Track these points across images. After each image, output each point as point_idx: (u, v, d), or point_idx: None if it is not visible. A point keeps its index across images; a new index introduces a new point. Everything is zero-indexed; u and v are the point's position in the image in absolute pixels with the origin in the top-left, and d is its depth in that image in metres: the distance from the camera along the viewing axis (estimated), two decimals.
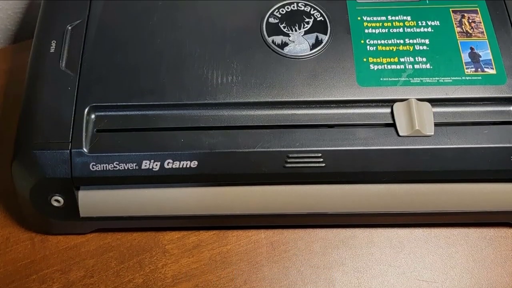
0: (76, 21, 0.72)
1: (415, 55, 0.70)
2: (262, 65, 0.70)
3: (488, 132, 0.66)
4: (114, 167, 0.64)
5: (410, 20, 0.73)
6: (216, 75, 0.69)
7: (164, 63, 0.70)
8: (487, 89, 0.68)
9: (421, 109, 0.66)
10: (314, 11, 0.74)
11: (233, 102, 0.67)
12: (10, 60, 0.88)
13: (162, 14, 0.74)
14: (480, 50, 0.71)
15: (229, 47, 0.71)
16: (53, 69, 0.69)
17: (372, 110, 0.67)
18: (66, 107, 0.66)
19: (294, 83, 0.68)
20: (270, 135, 0.66)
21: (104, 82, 0.68)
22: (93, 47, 0.71)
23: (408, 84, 0.68)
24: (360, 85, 0.68)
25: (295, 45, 0.71)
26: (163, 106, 0.67)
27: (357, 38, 0.72)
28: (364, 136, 0.66)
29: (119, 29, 0.73)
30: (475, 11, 0.74)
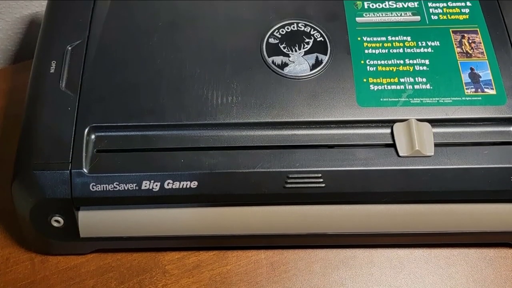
0: (76, 42, 0.74)
1: (415, 75, 0.72)
2: (262, 86, 0.71)
3: (488, 152, 0.67)
4: (114, 188, 0.65)
5: (410, 40, 0.75)
6: (216, 96, 0.70)
7: (164, 83, 0.71)
8: (487, 109, 0.69)
9: (421, 130, 0.67)
10: (314, 31, 0.75)
11: (233, 122, 0.69)
12: (10, 80, 0.90)
13: (162, 34, 0.75)
14: (480, 70, 0.72)
15: (229, 67, 0.72)
16: (53, 90, 0.70)
17: (372, 131, 0.69)
18: (66, 128, 0.68)
19: (294, 104, 0.70)
20: (270, 156, 0.67)
21: (104, 103, 0.70)
22: (93, 68, 0.72)
23: (408, 105, 0.69)
24: (360, 105, 0.69)
25: (295, 65, 0.72)
26: (163, 126, 0.68)
27: (357, 58, 0.73)
28: (364, 156, 0.67)
29: (119, 50, 0.74)
30: (475, 31, 0.75)
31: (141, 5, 0.78)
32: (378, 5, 0.78)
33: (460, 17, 0.77)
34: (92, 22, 0.76)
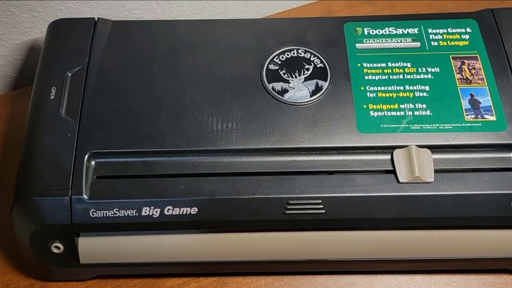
0: (76, 68, 0.76)
1: (415, 101, 0.73)
2: (262, 112, 0.72)
3: (488, 178, 0.68)
4: (114, 214, 0.67)
5: (410, 66, 0.76)
6: (216, 122, 0.72)
7: (164, 109, 0.73)
8: (487, 135, 0.71)
9: (421, 156, 0.69)
10: (314, 57, 0.77)
11: (233, 148, 0.70)
12: (10, 106, 0.91)
13: (162, 60, 0.77)
14: (480, 96, 0.73)
15: (229, 93, 0.74)
16: (53, 116, 0.72)
17: (372, 157, 0.70)
18: (66, 154, 0.69)
19: (294, 130, 0.71)
20: (270, 182, 0.68)
21: (104, 129, 0.71)
22: (93, 94, 0.74)
23: (408, 131, 0.71)
24: (360, 131, 0.71)
25: (295, 91, 0.74)
26: (163, 152, 0.70)
27: (357, 84, 0.75)
28: (364, 182, 0.68)
29: (119, 76, 0.76)
30: (475, 57, 0.77)
31: (141, 31, 0.80)
32: (378, 31, 0.80)
33: (460, 43, 0.78)
34: (92, 48, 0.78)
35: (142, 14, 0.98)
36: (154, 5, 0.97)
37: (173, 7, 0.99)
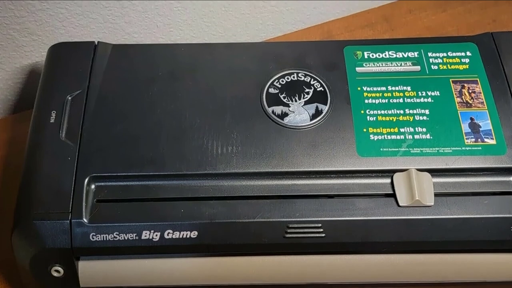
0: (76, 92, 0.77)
1: (415, 125, 0.74)
2: (262, 135, 0.74)
3: (488, 202, 0.69)
4: (114, 238, 0.68)
5: (410, 90, 0.77)
6: (216, 145, 0.73)
7: (164, 133, 0.74)
8: (487, 159, 0.72)
9: (421, 180, 0.70)
10: (314, 81, 0.78)
11: (233, 172, 0.71)
12: (10, 130, 0.92)
13: (162, 84, 0.78)
14: (480, 120, 0.74)
15: (229, 117, 0.75)
16: (53, 140, 0.73)
17: (372, 181, 0.71)
18: (66, 178, 0.70)
19: (294, 153, 0.72)
20: (270, 205, 0.69)
21: (104, 153, 0.72)
22: (93, 117, 0.75)
23: (408, 155, 0.72)
24: (360, 155, 0.72)
25: (295, 115, 0.75)
26: (163, 176, 0.71)
27: (357, 108, 0.76)
28: (364, 206, 0.69)
29: (119, 100, 0.77)
30: (475, 81, 0.78)
31: (141, 55, 0.82)
32: (378, 55, 0.81)
33: (460, 67, 0.80)
34: (92, 72, 0.79)
35: (142, 38, 0.99)
36: (154, 29, 0.99)
37: (173, 31, 1.00)
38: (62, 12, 0.91)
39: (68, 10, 0.91)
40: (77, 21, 0.93)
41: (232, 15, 1.02)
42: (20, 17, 0.89)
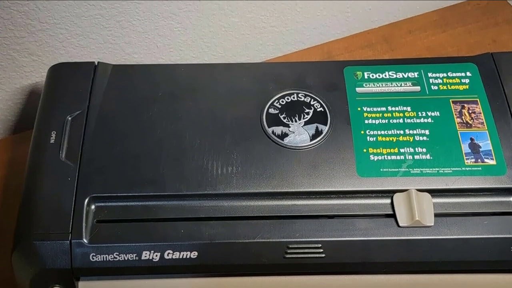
0: (76, 112, 0.78)
1: (415, 145, 0.75)
2: (262, 156, 0.75)
3: (488, 223, 0.70)
4: (114, 258, 0.68)
5: (410, 110, 0.78)
6: (216, 166, 0.74)
7: (164, 153, 0.75)
8: (487, 179, 0.73)
9: (421, 200, 0.71)
10: (314, 101, 0.79)
11: (233, 192, 0.72)
12: (10, 150, 0.93)
13: (162, 104, 0.79)
14: (480, 140, 0.75)
15: (229, 137, 0.76)
16: (53, 160, 0.74)
17: (372, 201, 0.72)
18: (66, 198, 0.71)
19: (294, 174, 0.73)
20: (270, 226, 0.70)
21: (104, 173, 0.73)
22: (93, 138, 0.76)
23: (408, 175, 0.73)
24: (360, 175, 0.73)
25: (295, 135, 0.76)
26: (163, 196, 0.72)
27: (357, 128, 0.77)
28: (364, 226, 0.70)
29: (119, 120, 0.78)
30: (475, 101, 0.79)
31: (141, 75, 0.83)
32: (378, 75, 0.82)
33: (460, 87, 0.80)
34: (92, 92, 0.80)
35: (142, 58, 1.00)
36: (154, 49, 1.00)
37: (173, 51, 1.02)
38: (62, 32, 0.92)
39: (68, 30, 0.92)
40: (77, 42, 0.94)
41: (232, 35, 1.03)
42: (20, 38, 0.90)
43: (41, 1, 0.86)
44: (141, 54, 1.00)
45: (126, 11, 0.93)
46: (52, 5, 0.88)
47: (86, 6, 0.90)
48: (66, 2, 0.88)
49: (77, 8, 0.90)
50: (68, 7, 0.89)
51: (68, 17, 0.90)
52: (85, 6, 0.90)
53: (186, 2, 0.95)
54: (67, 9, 0.89)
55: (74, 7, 0.90)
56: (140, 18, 0.95)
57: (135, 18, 0.94)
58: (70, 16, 0.91)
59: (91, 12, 0.91)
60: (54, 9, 0.89)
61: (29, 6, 0.87)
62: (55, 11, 0.89)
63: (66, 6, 0.89)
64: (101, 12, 0.92)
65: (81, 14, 0.91)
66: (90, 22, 0.92)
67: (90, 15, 0.91)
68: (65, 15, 0.90)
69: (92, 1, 0.90)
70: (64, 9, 0.89)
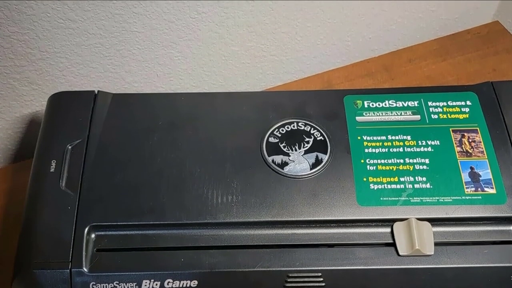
0: (76, 141, 0.79)
1: (415, 174, 0.76)
2: (262, 185, 0.76)
3: (488, 251, 0.71)
4: (114, 287, 0.69)
5: (410, 139, 0.79)
6: (216, 195, 0.75)
7: (164, 182, 0.76)
8: (487, 208, 0.74)
9: (421, 229, 0.72)
10: (314, 130, 0.81)
11: (233, 221, 0.73)
12: (10, 179, 0.94)
13: (162, 133, 0.80)
14: (480, 169, 0.76)
15: (229, 166, 0.77)
16: (53, 189, 0.75)
17: (372, 230, 0.73)
18: (66, 227, 0.72)
19: (294, 203, 0.74)
20: (270, 255, 0.71)
21: (104, 202, 0.74)
22: (93, 167, 0.77)
23: (408, 204, 0.74)
24: (360, 204, 0.74)
25: (295, 164, 0.77)
26: (163, 225, 0.73)
27: (357, 157, 0.78)
28: (364, 255, 0.71)
29: (119, 149, 0.79)
30: (475, 130, 0.80)
31: (141, 104, 0.84)
32: (378, 104, 0.83)
33: (460, 116, 0.82)
34: (92, 121, 0.81)
35: (142, 87, 1.01)
36: (154, 78, 1.01)
37: (173, 80, 1.03)
38: (62, 61, 0.93)
39: (68, 59, 0.93)
40: (77, 71, 0.95)
41: (232, 64, 1.04)
42: (20, 66, 0.91)
43: (41, 30, 0.87)
44: (141, 83, 1.01)
45: (126, 40, 0.94)
46: (52, 34, 0.89)
47: (86, 35, 0.91)
48: (66, 31, 0.89)
49: (77, 37, 0.91)
50: (68, 36, 0.90)
51: (68, 46, 0.91)
52: (85, 35, 0.91)
53: (186, 31, 0.96)
54: (67, 38, 0.90)
55: (74, 36, 0.91)
56: (140, 47, 0.96)
57: (135, 47, 0.95)
58: (70, 45, 0.91)
59: (91, 41, 0.92)
60: (54, 38, 0.89)
61: (29, 35, 0.87)
62: (55, 40, 0.90)
63: (66, 35, 0.90)
64: (101, 41, 0.93)
65: (81, 43, 0.92)
66: (90, 51, 0.93)
67: (90, 44, 0.92)
68: (65, 44, 0.91)
69: (92, 30, 0.91)
70: (64, 38, 0.90)
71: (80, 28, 0.89)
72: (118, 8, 0.89)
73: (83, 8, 0.87)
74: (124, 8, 0.89)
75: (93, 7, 0.87)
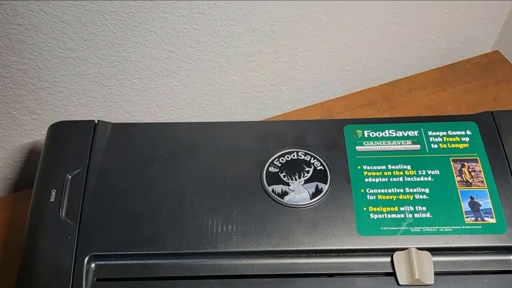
0: (76, 170, 0.80)
1: (415, 204, 0.77)
2: (262, 214, 0.76)
3: (488, 281, 0.72)
4: None
5: (410, 169, 0.80)
6: (216, 224, 0.75)
7: (164, 212, 0.76)
8: (487, 238, 0.74)
9: (421, 258, 0.72)
10: (314, 160, 0.82)
11: (233, 251, 0.74)
12: (10, 209, 0.95)
13: (162, 163, 0.81)
14: (480, 199, 0.77)
15: (229, 196, 0.78)
16: (53, 218, 0.76)
17: (372, 259, 0.74)
18: (66, 256, 0.73)
19: (294, 232, 0.75)
20: (270, 284, 0.72)
21: (104, 231, 0.75)
22: (93, 196, 0.78)
23: (408, 233, 0.75)
24: (360, 234, 0.75)
25: (295, 194, 0.78)
26: (163, 255, 0.74)
27: (357, 187, 0.79)
28: (364, 285, 0.72)
29: (119, 178, 0.80)
30: (475, 160, 0.81)
31: (141, 133, 0.85)
32: (378, 134, 0.84)
33: (460, 146, 0.83)
34: (92, 150, 0.82)
35: (142, 117, 1.02)
36: (154, 108, 1.02)
37: (173, 110, 1.04)
38: (62, 91, 0.94)
39: (68, 88, 0.94)
40: (77, 100, 0.96)
41: (232, 94, 1.06)
42: (20, 96, 0.92)
43: (41, 59, 0.88)
44: (141, 113, 1.02)
45: (126, 69, 0.95)
46: (52, 64, 0.90)
47: (86, 65, 0.92)
48: (66, 61, 0.90)
49: (77, 66, 0.92)
50: (68, 65, 0.91)
51: (68, 75, 0.92)
52: (85, 65, 0.92)
53: (186, 61, 0.97)
54: (67, 67, 0.91)
55: (74, 66, 0.92)
56: (140, 77, 0.97)
57: (135, 76, 0.97)
58: (70, 75, 0.92)
59: (91, 71, 0.93)
60: (54, 67, 0.90)
61: (29, 65, 0.88)
62: (55, 69, 0.91)
63: (66, 64, 0.91)
64: (101, 71, 0.94)
65: (81, 72, 0.93)
66: (90, 80, 0.94)
67: (90, 73, 0.93)
68: (65, 73, 0.92)
69: (92, 60, 0.92)
70: (64, 68, 0.91)
71: (80, 57, 0.90)
72: (118, 37, 0.90)
73: (83, 37, 0.88)
74: (124, 38, 0.90)
75: (93, 37, 0.88)
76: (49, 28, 0.84)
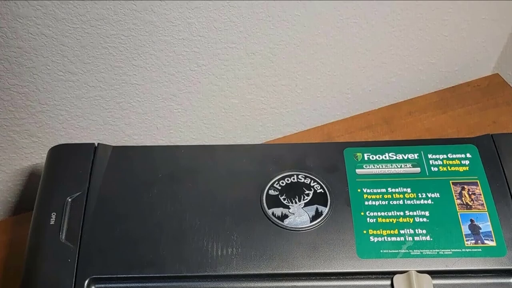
0: (76, 193, 0.80)
1: (415, 227, 0.78)
2: (262, 237, 0.77)
3: None
4: None
5: (410, 192, 0.81)
6: (216, 247, 0.76)
7: (164, 235, 0.77)
8: (487, 261, 0.75)
9: (421, 281, 0.73)
10: (314, 183, 0.82)
11: (233, 274, 0.74)
12: (10, 232, 0.95)
13: (162, 186, 0.82)
14: (480, 222, 0.78)
15: (229, 219, 0.79)
16: (53, 241, 0.76)
17: (372, 282, 0.74)
18: (66, 279, 0.73)
19: (294, 255, 0.76)
20: None
21: (104, 254, 0.75)
22: (93, 219, 0.78)
23: (408, 256, 0.75)
24: (360, 257, 0.76)
25: (295, 217, 0.79)
26: (163, 278, 0.74)
27: (357, 210, 0.80)
28: None
29: (119, 201, 0.80)
30: (475, 183, 0.82)
31: (141, 157, 0.86)
32: (378, 157, 0.85)
33: (460, 169, 0.83)
34: (92, 173, 0.82)
35: (142, 140, 1.03)
36: (154, 131, 1.03)
37: (173, 133, 1.04)
38: (62, 114, 0.95)
39: (68, 112, 0.95)
40: (77, 123, 0.97)
41: (232, 117, 1.06)
42: (20, 119, 0.92)
43: (41, 82, 0.89)
44: (141, 136, 1.03)
45: (126, 92, 0.96)
46: (52, 87, 0.90)
47: (86, 88, 0.93)
48: (66, 84, 0.91)
49: (77, 89, 0.92)
50: (68, 88, 0.92)
51: (68, 98, 0.93)
52: (85, 88, 0.93)
53: (186, 84, 0.98)
54: (67, 90, 0.92)
55: (74, 89, 0.92)
56: (140, 100, 0.98)
57: (135, 99, 0.97)
58: (70, 98, 0.93)
59: (91, 94, 0.94)
60: (54, 90, 0.91)
61: (29, 88, 0.89)
62: (55, 92, 0.91)
63: (66, 87, 0.92)
64: (101, 94, 0.94)
65: (81, 95, 0.93)
66: (90, 103, 0.95)
67: (90, 96, 0.94)
68: (65, 96, 0.93)
69: (92, 83, 0.92)
70: (64, 91, 0.92)
71: (80, 80, 0.91)
72: (118, 60, 0.91)
73: (83, 60, 0.88)
74: (124, 61, 0.91)
75: (92, 60, 0.89)
76: (49, 51, 0.85)
